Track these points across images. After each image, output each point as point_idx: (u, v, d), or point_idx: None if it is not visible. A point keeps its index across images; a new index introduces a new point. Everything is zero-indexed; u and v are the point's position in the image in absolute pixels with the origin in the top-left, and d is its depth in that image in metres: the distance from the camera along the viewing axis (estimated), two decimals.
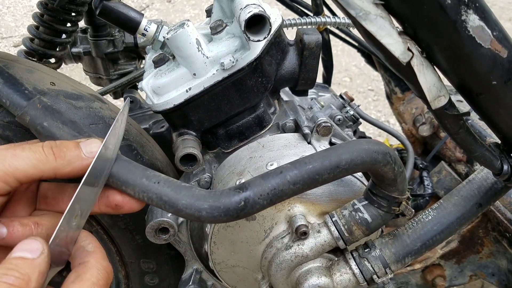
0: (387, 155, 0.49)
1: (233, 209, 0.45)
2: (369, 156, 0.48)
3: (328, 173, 0.47)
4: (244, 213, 0.45)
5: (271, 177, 0.47)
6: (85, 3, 0.91)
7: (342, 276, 0.58)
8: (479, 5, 0.37)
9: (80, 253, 0.43)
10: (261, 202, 0.46)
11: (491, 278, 0.93)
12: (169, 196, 0.45)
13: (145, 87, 0.61)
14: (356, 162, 0.48)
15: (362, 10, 0.37)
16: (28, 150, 0.41)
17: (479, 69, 0.41)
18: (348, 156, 0.48)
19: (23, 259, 0.37)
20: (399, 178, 0.52)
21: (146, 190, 0.45)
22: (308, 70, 0.65)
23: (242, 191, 0.46)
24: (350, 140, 0.52)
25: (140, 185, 0.45)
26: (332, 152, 0.48)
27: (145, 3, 3.60)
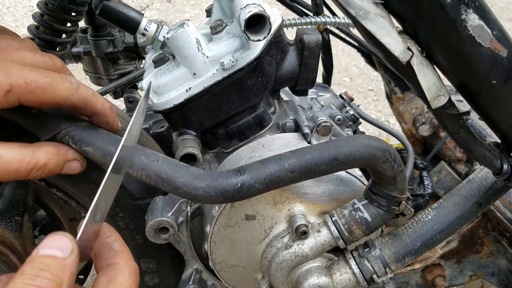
0: (386, 152, 0.49)
1: (230, 191, 0.45)
2: (368, 152, 0.49)
3: (326, 165, 0.48)
4: (240, 195, 0.46)
5: (270, 163, 0.47)
6: (85, 3, 0.91)
7: (342, 276, 0.58)
8: (478, 5, 0.37)
9: (106, 251, 0.41)
10: (257, 186, 0.46)
11: (491, 278, 0.93)
12: (167, 174, 0.45)
13: (145, 86, 0.61)
14: (354, 156, 0.48)
15: (362, 9, 0.37)
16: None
17: (479, 69, 0.41)
18: (347, 149, 0.48)
19: (54, 258, 0.34)
20: (399, 176, 0.52)
21: (144, 168, 0.45)
22: (308, 70, 0.65)
23: (240, 173, 0.46)
24: (352, 135, 0.53)
25: (139, 163, 0.46)
26: (331, 145, 0.49)
27: (145, 3, 3.60)
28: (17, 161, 0.43)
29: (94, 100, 0.47)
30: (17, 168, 0.43)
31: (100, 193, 0.39)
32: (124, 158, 0.44)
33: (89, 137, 0.47)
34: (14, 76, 0.41)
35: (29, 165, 0.43)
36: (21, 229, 0.77)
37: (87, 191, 0.62)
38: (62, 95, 0.43)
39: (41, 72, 0.42)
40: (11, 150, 0.43)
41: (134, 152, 0.47)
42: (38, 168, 0.44)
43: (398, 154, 0.52)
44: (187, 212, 0.64)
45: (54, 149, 0.46)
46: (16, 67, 0.42)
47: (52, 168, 0.46)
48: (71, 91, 0.44)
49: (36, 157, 0.44)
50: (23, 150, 0.44)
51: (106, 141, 0.47)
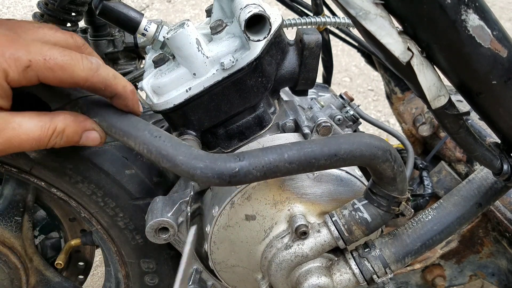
0: (387, 152, 0.49)
1: (227, 174, 0.46)
2: (368, 150, 0.49)
3: (325, 160, 0.48)
4: (236, 179, 0.46)
5: (270, 152, 0.48)
6: (85, 3, 0.91)
7: (342, 276, 0.58)
8: (478, 5, 0.37)
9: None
10: (255, 173, 0.46)
11: (491, 278, 0.93)
12: (168, 151, 0.46)
13: (145, 87, 0.61)
14: (354, 153, 0.48)
15: (362, 9, 0.37)
16: None
17: (479, 69, 0.41)
18: (348, 146, 0.48)
19: None
20: (399, 177, 0.52)
21: (147, 143, 0.47)
22: (308, 70, 0.65)
23: (239, 159, 0.47)
24: (354, 133, 0.53)
25: (142, 137, 0.47)
26: (333, 140, 0.49)
27: (145, 3, 3.59)
28: (38, 128, 0.44)
29: (114, 82, 0.48)
30: (39, 135, 0.44)
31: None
32: None
33: (96, 108, 0.49)
34: (33, 53, 0.42)
35: (49, 130, 0.45)
36: (21, 229, 0.77)
37: (87, 191, 0.62)
38: (81, 75, 0.44)
39: (61, 50, 0.43)
40: (31, 118, 0.45)
41: (138, 126, 0.48)
42: (57, 134, 0.46)
43: (399, 154, 0.52)
44: (187, 212, 0.64)
45: (72, 116, 0.48)
46: (36, 44, 0.43)
47: (70, 135, 0.47)
48: (90, 71, 0.45)
49: (55, 123, 0.46)
50: (42, 117, 0.45)
51: (112, 114, 0.49)
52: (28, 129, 0.44)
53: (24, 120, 0.44)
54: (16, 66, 0.41)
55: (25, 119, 0.44)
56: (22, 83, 0.43)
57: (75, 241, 0.83)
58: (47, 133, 0.45)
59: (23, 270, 0.77)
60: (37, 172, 0.60)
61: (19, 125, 0.44)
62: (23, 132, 0.44)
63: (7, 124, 0.43)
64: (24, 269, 0.77)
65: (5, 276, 0.76)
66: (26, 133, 0.44)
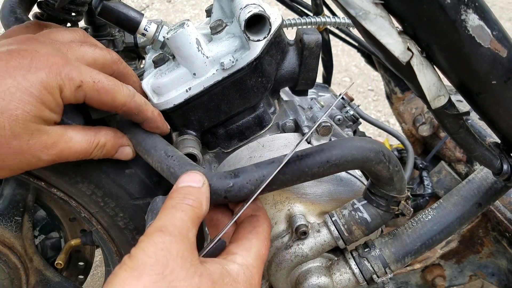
0: (379, 154, 0.49)
1: (222, 189, 0.48)
2: (360, 154, 0.49)
3: (318, 167, 0.48)
4: (231, 194, 0.48)
5: (263, 165, 0.49)
6: (85, 3, 0.91)
7: (341, 276, 0.58)
8: (478, 5, 0.37)
9: (251, 204, 0.48)
10: (249, 187, 0.48)
11: (491, 278, 0.93)
12: (175, 169, 0.50)
13: (145, 87, 0.61)
14: (346, 158, 0.48)
15: (362, 9, 0.37)
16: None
17: (479, 69, 0.41)
18: (339, 152, 0.48)
19: (192, 188, 0.44)
20: (396, 177, 0.52)
21: (160, 161, 0.51)
22: (308, 70, 0.65)
23: (234, 175, 0.49)
24: (346, 137, 0.53)
25: (157, 156, 0.52)
26: (324, 147, 0.49)
27: (145, 3, 3.59)
28: (85, 142, 0.50)
29: (146, 108, 0.54)
30: (86, 148, 0.49)
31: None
32: None
33: (128, 126, 0.56)
34: (84, 75, 0.47)
35: (93, 144, 0.50)
36: (21, 229, 0.77)
37: (87, 191, 0.62)
38: (121, 100, 0.50)
39: (107, 76, 0.49)
40: (79, 133, 0.50)
41: (157, 146, 0.53)
42: (99, 148, 0.51)
43: (393, 154, 0.52)
44: None
45: (112, 132, 0.54)
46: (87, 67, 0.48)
47: (109, 149, 0.53)
48: (128, 97, 0.51)
49: (98, 137, 0.51)
50: (88, 132, 0.51)
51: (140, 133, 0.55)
52: (77, 142, 0.49)
53: (74, 133, 0.49)
54: (70, 84, 0.45)
55: (75, 133, 0.49)
56: (72, 101, 0.47)
57: (75, 241, 0.83)
58: (92, 146, 0.50)
59: (23, 270, 0.77)
60: (37, 172, 0.60)
61: (70, 138, 0.48)
62: (73, 145, 0.48)
63: (61, 137, 0.47)
64: (24, 269, 0.77)
65: (5, 276, 0.76)
66: (75, 146, 0.49)
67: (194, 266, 0.37)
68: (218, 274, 0.39)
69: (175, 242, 0.37)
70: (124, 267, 0.35)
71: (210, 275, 0.38)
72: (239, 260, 0.43)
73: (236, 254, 0.44)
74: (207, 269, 0.39)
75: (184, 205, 0.41)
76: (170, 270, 0.35)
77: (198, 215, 0.42)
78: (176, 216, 0.40)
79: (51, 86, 0.44)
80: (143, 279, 0.34)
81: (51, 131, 0.46)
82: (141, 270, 0.35)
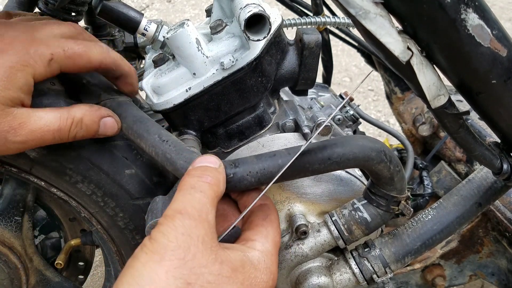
0: (381, 153, 0.49)
1: None
2: (362, 152, 0.49)
3: (319, 164, 0.48)
4: (230, 185, 0.47)
5: (264, 158, 0.48)
6: (85, 3, 0.91)
7: (342, 276, 0.58)
8: (478, 4, 0.37)
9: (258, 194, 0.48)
10: (249, 179, 0.47)
11: (491, 278, 0.93)
12: (171, 155, 0.48)
13: (145, 86, 0.61)
14: (348, 156, 0.48)
15: (362, 9, 0.37)
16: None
17: (479, 68, 0.40)
18: (341, 150, 0.48)
19: (209, 167, 0.44)
20: (396, 177, 0.52)
21: (155, 146, 0.50)
22: (308, 70, 0.65)
23: (234, 165, 0.48)
24: (348, 135, 0.53)
25: (151, 140, 0.50)
26: (326, 144, 0.49)
27: (145, 3, 3.59)
28: (57, 119, 0.48)
29: (122, 63, 0.54)
30: (59, 125, 0.48)
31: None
32: None
33: (120, 110, 0.54)
34: (53, 47, 0.47)
35: (68, 120, 0.49)
36: (21, 229, 0.77)
37: (87, 191, 0.62)
38: (96, 59, 0.50)
39: (75, 40, 0.49)
40: (50, 111, 0.48)
41: (151, 130, 0.51)
42: (76, 124, 0.50)
43: (394, 154, 0.52)
44: None
45: (87, 107, 0.52)
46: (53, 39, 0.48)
47: (88, 123, 0.51)
48: (103, 54, 0.51)
49: (72, 113, 0.49)
50: (60, 110, 0.49)
51: (131, 116, 0.53)
52: (48, 120, 0.47)
53: (44, 113, 0.48)
54: (41, 60, 0.45)
55: (45, 112, 0.48)
56: (47, 75, 0.47)
57: (75, 241, 0.83)
58: (66, 123, 0.49)
59: (23, 270, 0.77)
60: (37, 172, 0.60)
61: (40, 118, 0.47)
62: (45, 124, 0.47)
63: (29, 118, 0.46)
64: (24, 269, 0.77)
65: (5, 276, 0.76)
66: (47, 125, 0.47)
67: (215, 252, 0.37)
68: (239, 262, 0.39)
69: (195, 227, 0.37)
70: (145, 250, 0.35)
71: (231, 262, 0.38)
72: (259, 246, 0.43)
73: (256, 241, 0.44)
74: (228, 256, 0.38)
75: (203, 184, 0.41)
76: (192, 256, 0.35)
77: (216, 194, 0.42)
78: (196, 197, 0.39)
79: (19, 66, 0.44)
80: (165, 263, 0.34)
81: (16, 112, 0.46)
82: (162, 254, 0.34)
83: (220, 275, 0.36)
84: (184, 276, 0.34)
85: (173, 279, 0.34)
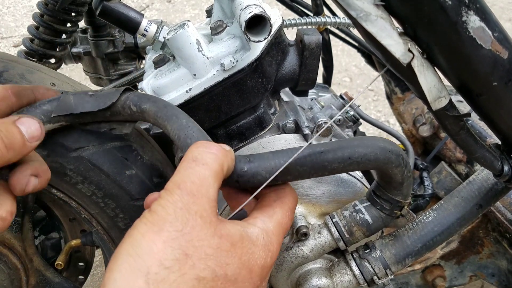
0: (400, 157, 0.48)
1: (234, 173, 0.45)
2: (383, 154, 0.47)
3: (339, 163, 0.46)
4: (243, 180, 0.45)
5: (281, 154, 0.46)
6: (85, 3, 0.91)
7: (342, 277, 0.58)
8: (479, 6, 0.37)
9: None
10: (263, 174, 0.45)
11: (491, 279, 0.93)
12: (192, 140, 0.47)
13: (145, 87, 0.61)
14: (369, 157, 0.47)
15: (363, 11, 0.37)
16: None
17: (480, 70, 0.40)
18: (363, 150, 0.47)
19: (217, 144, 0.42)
20: (406, 182, 0.51)
21: (180, 129, 0.49)
22: (308, 71, 0.65)
23: (249, 159, 0.46)
24: (367, 136, 0.52)
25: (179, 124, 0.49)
26: (347, 143, 0.47)
27: (145, 3, 3.59)
28: None
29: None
30: None
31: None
32: None
33: (145, 98, 0.52)
34: None
35: None
36: (21, 230, 0.77)
37: (87, 192, 0.62)
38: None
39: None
40: None
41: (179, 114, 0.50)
42: None
43: (409, 159, 0.51)
44: None
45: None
46: None
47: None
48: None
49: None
50: None
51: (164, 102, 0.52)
52: None
53: None
54: None
55: None
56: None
57: (75, 242, 0.83)
58: None
59: (23, 271, 0.77)
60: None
61: None
62: None
63: None
64: (24, 269, 0.77)
65: (5, 276, 0.76)
66: None
67: (214, 226, 0.37)
68: (238, 236, 0.39)
69: (194, 202, 0.36)
70: (144, 221, 0.35)
71: (230, 237, 0.38)
72: (259, 224, 0.42)
73: (257, 219, 0.43)
74: (228, 230, 0.38)
75: (207, 155, 0.39)
76: (190, 229, 0.35)
77: (221, 168, 0.40)
78: (196, 170, 0.38)
79: None
80: (163, 234, 0.34)
81: None
82: (161, 225, 0.35)
83: (219, 249, 0.37)
84: (182, 247, 0.34)
85: (170, 249, 0.34)
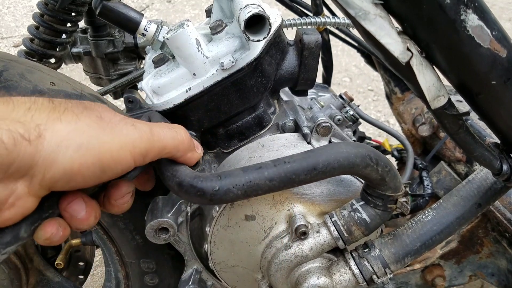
0: (366, 158, 0.49)
1: (208, 193, 0.47)
2: (346, 160, 0.49)
3: (305, 174, 0.48)
4: (216, 198, 0.47)
5: (250, 170, 0.48)
6: (85, 3, 0.91)
7: (341, 276, 0.58)
8: (478, 5, 0.37)
9: None
10: (235, 192, 0.47)
11: (491, 278, 0.93)
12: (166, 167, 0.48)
13: (145, 87, 0.61)
14: (333, 165, 0.49)
15: (362, 9, 0.37)
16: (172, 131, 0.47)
17: (479, 69, 0.41)
18: (325, 158, 0.48)
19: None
20: (388, 176, 0.52)
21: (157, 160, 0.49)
22: (308, 70, 0.65)
23: (220, 178, 0.48)
24: (332, 143, 0.53)
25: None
26: (311, 154, 0.49)
27: (145, 3, 3.59)
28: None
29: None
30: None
31: None
32: None
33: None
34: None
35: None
36: None
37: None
38: None
39: None
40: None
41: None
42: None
43: (382, 155, 0.52)
44: (187, 212, 0.64)
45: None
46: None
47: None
48: None
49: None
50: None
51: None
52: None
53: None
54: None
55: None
56: None
57: (75, 241, 0.83)
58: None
59: (23, 270, 0.77)
60: None
61: None
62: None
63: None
64: (24, 269, 0.77)
65: (6, 276, 0.76)
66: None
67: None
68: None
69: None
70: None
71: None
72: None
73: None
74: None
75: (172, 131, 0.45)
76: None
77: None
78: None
79: None
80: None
81: None
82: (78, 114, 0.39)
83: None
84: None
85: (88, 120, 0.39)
